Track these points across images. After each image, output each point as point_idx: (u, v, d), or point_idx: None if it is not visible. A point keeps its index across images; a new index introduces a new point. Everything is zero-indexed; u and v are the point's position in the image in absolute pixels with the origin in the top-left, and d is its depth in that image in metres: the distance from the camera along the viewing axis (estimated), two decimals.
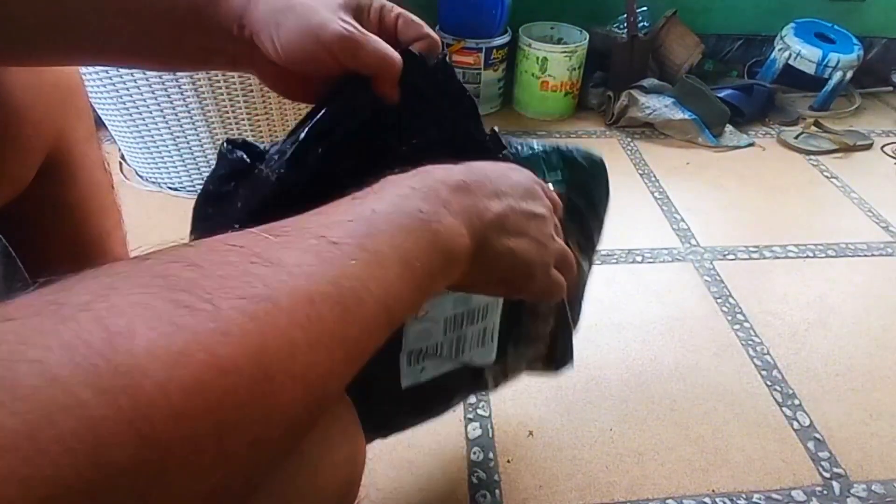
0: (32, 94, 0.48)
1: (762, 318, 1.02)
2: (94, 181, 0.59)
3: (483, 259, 0.34)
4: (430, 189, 0.32)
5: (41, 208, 0.54)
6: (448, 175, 0.34)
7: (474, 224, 0.33)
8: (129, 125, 1.17)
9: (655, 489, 0.75)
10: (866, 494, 0.76)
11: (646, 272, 1.12)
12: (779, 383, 0.91)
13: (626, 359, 0.93)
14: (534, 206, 0.38)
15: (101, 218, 0.61)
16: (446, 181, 0.33)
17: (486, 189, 0.35)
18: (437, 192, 0.32)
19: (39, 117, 0.48)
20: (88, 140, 0.58)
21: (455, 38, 1.56)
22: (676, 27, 1.72)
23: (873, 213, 1.33)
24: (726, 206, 1.34)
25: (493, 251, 0.35)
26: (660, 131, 1.59)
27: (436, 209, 0.31)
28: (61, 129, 0.52)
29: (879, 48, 1.94)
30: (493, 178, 0.37)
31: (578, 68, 1.62)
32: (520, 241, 0.36)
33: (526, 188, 0.39)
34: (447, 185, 0.33)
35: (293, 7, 0.39)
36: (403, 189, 0.31)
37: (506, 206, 0.36)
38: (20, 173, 0.50)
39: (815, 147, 1.57)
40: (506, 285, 0.38)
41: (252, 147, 0.45)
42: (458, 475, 0.75)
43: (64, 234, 0.58)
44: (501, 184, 0.37)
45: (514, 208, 0.36)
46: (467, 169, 0.36)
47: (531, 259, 0.37)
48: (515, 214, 0.36)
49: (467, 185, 0.34)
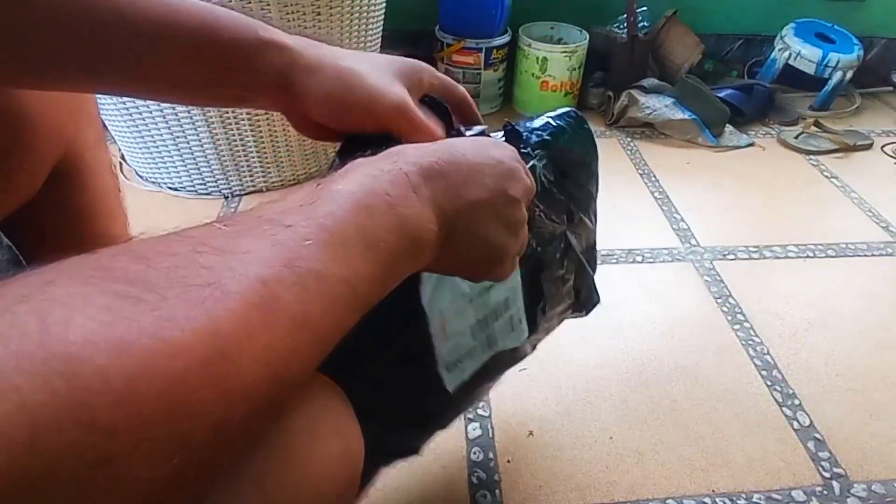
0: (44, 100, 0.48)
1: (762, 318, 1.02)
2: (103, 186, 0.59)
3: (452, 247, 0.34)
4: (399, 172, 0.31)
5: (50, 213, 0.54)
6: (421, 156, 0.33)
7: (445, 211, 0.33)
8: (130, 125, 1.17)
9: (655, 489, 0.75)
10: (866, 494, 0.76)
11: (646, 272, 1.12)
12: (779, 383, 0.91)
13: (626, 359, 0.93)
14: (511, 188, 0.37)
15: (108, 222, 0.61)
16: (418, 163, 0.32)
17: (460, 171, 0.34)
18: (406, 176, 0.31)
19: (51, 123, 0.48)
20: (97, 145, 0.58)
21: (455, 38, 1.56)
22: (676, 27, 1.72)
23: (873, 213, 1.33)
24: (726, 206, 1.34)
25: (462, 239, 0.34)
26: (660, 131, 1.59)
27: (404, 193, 0.30)
28: (72, 134, 0.52)
29: (879, 48, 1.94)
30: (471, 157, 0.36)
31: (578, 68, 1.62)
32: (491, 227, 0.36)
33: (506, 168, 0.37)
34: (418, 169, 0.32)
35: (340, 75, 0.40)
36: (372, 170, 0.31)
37: (480, 191, 0.35)
38: (31, 180, 0.49)
39: (815, 147, 1.57)
40: (473, 270, 0.38)
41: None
42: (458, 475, 0.75)
43: (72, 239, 0.58)
44: (479, 164, 0.36)
45: (491, 191, 0.35)
46: (444, 148, 0.35)
47: (501, 246, 0.37)
48: (490, 199, 0.35)
49: (440, 167, 0.33)
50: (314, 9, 1.08)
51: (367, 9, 1.18)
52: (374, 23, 1.23)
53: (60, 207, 0.55)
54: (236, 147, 1.20)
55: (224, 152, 1.20)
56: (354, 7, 1.14)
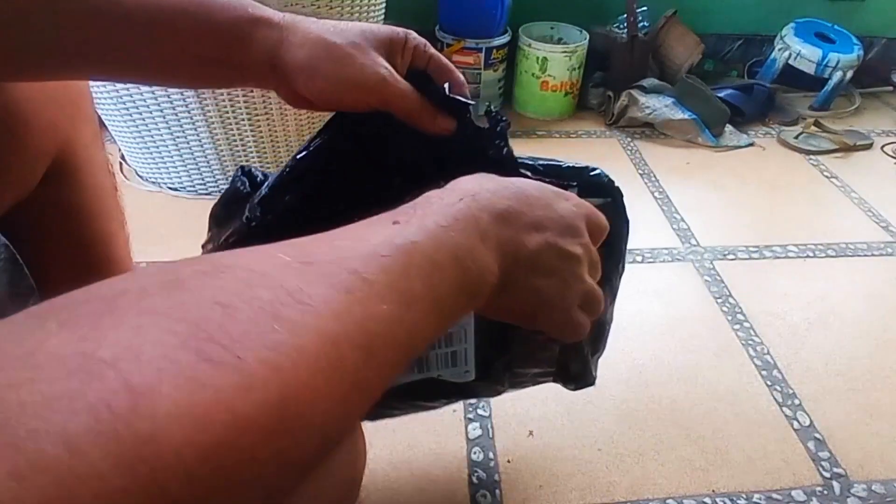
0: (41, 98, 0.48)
1: (762, 318, 1.02)
2: (99, 184, 0.59)
3: (506, 294, 0.34)
4: (471, 219, 0.31)
5: (46, 212, 0.54)
6: (494, 199, 0.33)
7: (507, 259, 0.33)
8: (129, 125, 1.17)
9: (656, 489, 0.75)
10: (866, 494, 0.76)
11: (646, 272, 1.12)
12: (779, 383, 0.91)
13: (626, 359, 0.93)
14: (571, 246, 0.36)
15: (105, 221, 0.61)
16: (490, 209, 0.32)
17: (527, 220, 0.34)
18: (477, 223, 0.31)
19: (47, 122, 0.48)
20: (94, 143, 0.58)
21: (455, 38, 1.56)
22: (676, 27, 1.72)
23: (873, 213, 1.33)
24: (726, 206, 1.34)
25: (518, 288, 0.34)
26: (660, 131, 1.59)
27: (473, 245, 0.30)
28: (68, 133, 0.52)
29: (879, 48, 1.94)
30: (537, 206, 0.35)
31: (578, 68, 1.62)
32: (547, 280, 0.35)
33: (568, 223, 0.37)
34: (490, 214, 0.32)
35: (329, 52, 0.40)
36: (446, 217, 0.30)
37: (542, 243, 0.35)
38: (27, 177, 0.50)
39: (815, 147, 1.57)
40: (521, 318, 0.37)
41: (254, 177, 0.47)
42: (458, 475, 0.75)
43: (68, 238, 0.58)
44: (544, 214, 0.35)
45: (551, 245, 0.35)
46: (515, 193, 0.35)
47: (553, 299, 0.36)
48: (550, 252, 0.35)
49: (510, 214, 0.33)
50: (314, 9, 1.08)
51: (367, 9, 1.18)
52: (373, 23, 1.23)
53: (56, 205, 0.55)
54: (236, 147, 1.20)
55: (224, 152, 1.20)
56: (354, 7, 1.14)
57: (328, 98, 0.41)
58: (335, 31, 0.42)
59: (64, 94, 0.52)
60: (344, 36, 0.41)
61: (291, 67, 0.40)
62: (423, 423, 0.79)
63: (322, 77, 0.40)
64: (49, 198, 0.53)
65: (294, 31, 0.41)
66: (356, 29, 0.43)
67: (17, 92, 0.45)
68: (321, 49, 0.40)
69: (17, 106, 0.45)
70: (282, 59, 0.40)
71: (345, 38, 0.41)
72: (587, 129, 1.63)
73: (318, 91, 0.41)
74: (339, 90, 0.41)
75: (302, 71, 0.40)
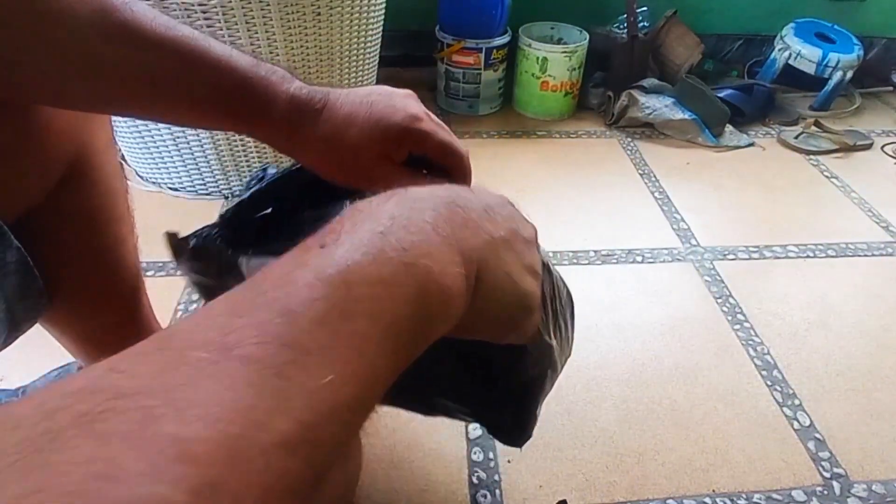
0: None
1: (762, 318, 1.02)
2: (113, 189, 0.59)
3: (482, 291, 0.29)
4: (412, 212, 0.27)
5: (60, 216, 0.54)
6: (432, 192, 0.29)
7: (470, 248, 0.28)
8: (130, 125, 1.17)
9: (656, 489, 0.75)
10: (867, 494, 0.76)
11: (646, 272, 1.12)
12: (779, 383, 0.91)
13: (626, 359, 0.93)
14: (523, 229, 0.33)
15: (116, 225, 0.61)
16: (432, 199, 0.28)
17: (475, 207, 0.30)
18: (421, 215, 0.27)
19: (64, 126, 0.48)
20: (108, 148, 0.58)
21: (455, 38, 1.56)
22: (676, 27, 1.72)
23: (873, 213, 1.33)
24: (726, 206, 1.34)
25: (492, 279, 0.29)
26: (660, 131, 1.59)
27: (421, 238, 0.26)
28: (84, 138, 0.52)
29: (879, 48, 1.94)
30: (478, 195, 0.32)
31: (578, 68, 1.62)
32: (516, 268, 0.31)
33: (512, 210, 0.34)
34: (433, 204, 0.28)
35: (368, 104, 0.42)
36: (381, 220, 0.26)
37: (498, 228, 0.31)
38: (42, 183, 0.50)
39: (815, 147, 1.57)
40: (505, 325, 0.32)
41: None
42: (458, 475, 0.75)
43: (80, 242, 0.58)
44: (489, 203, 0.32)
45: (507, 229, 0.31)
46: (450, 186, 0.31)
47: (530, 291, 0.32)
48: (509, 237, 0.31)
49: (456, 201, 0.29)
50: (314, 9, 1.08)
51: (367, 9, 1.18)
52: (374, 23, 1.23)
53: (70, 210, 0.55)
54: (236, 147, 1.20)
55: (224, 152, 1.20)
56: (354, 7, 1.14)
57: (356, 152, 0.42)
58: (348, 100, 0.43)
59: None
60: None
61: (327, 119, 0.41)
62: (424, 423, 0.79)
63: (359, 127, 0.41)
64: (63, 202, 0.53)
65: (332, 95, 0.43)
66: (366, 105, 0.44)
67: None
68: (359, 104, 0.42)
69: (35, 111, 0.45)
70: (313, 110, 0.42)
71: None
72: (587, 129, 1.63)
73: (348, 145, 0.42)
74: (374, 137, 0.41)
75: (340, 121, 0.41)
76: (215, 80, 0.39)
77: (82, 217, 0.57)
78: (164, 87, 0.39)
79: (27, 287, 0.48)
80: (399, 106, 0.42)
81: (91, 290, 0.62)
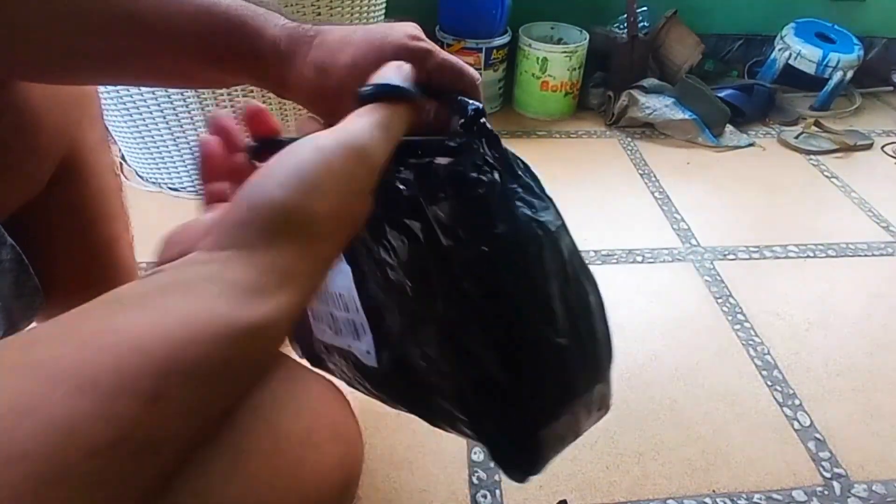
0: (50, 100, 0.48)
1: (762, 319, 1.02)
2: (105, 186, 0.59)
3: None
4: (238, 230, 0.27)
5: (53, 213, 0.54)
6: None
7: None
8: (130, 125, 1.17)
9: (656, 489, 0.75)
10: (867, 494, 0.76)
11: (646, 272, 1.12)
12: (779, 383, 0.91)
13: (626, 359, 0.93)
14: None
15: (110, 223, 0.61)
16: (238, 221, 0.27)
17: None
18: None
19: (55, 123, 0.48)
20: (100, 145, 0.58)
21: (455, 38, 1.56)
22: (677, 27, 1.72)
23: (874, 213, 1.33)
24: (726, 206, 1.34)
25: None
26: (660, 131, 1.59)
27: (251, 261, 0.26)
28: (76, 135, 0.52)
29: (879, 48, 1.94)
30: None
31: (578, 68, 1.62)
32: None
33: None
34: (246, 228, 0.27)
35: (364, 29, 0.39)
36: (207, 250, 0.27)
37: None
38: (35, 178, 0.50)
39: (816, 147, 1.57)
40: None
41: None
42: (458, 475, 0.75)
43: (74, 239, 0.58)
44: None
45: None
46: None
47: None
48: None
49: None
50: (314, 9, 1.08)
51: (367, 9, 1.18)
52: (373, 23, 1.23)
53: (63, 207, 0.55)
54: None
55: None
56: (354, 7, 1.14)
57: (351, 72, 0.37)
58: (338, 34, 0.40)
59: (72, 96, 0.52)
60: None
61: (320, 42, 0.39)
62: (424, 423, 0.79)
63: (355, 45, 0.38)
64: (56, 199, 0.53)
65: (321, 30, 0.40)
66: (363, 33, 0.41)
67: (26, 94, 0.45)
68: (354, 29, 0.39)
69: (27, 107, 0.45)
70: (306, 37, 0.39)
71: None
72: (587, 129, 1.63)
73: (342, 66, 0.38)
74: (370, 57, 0.37)
75: (334, 43, 0.38)
76: (204, 18, 0.38)
77: (75, 214, 0.57)
78: (145, 34, 0.38)
79: (23, 285, 0.49)
80: (397, 27, 0.39)
81: (86, 288, 0.62)
